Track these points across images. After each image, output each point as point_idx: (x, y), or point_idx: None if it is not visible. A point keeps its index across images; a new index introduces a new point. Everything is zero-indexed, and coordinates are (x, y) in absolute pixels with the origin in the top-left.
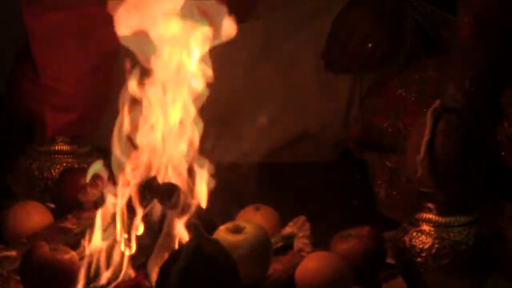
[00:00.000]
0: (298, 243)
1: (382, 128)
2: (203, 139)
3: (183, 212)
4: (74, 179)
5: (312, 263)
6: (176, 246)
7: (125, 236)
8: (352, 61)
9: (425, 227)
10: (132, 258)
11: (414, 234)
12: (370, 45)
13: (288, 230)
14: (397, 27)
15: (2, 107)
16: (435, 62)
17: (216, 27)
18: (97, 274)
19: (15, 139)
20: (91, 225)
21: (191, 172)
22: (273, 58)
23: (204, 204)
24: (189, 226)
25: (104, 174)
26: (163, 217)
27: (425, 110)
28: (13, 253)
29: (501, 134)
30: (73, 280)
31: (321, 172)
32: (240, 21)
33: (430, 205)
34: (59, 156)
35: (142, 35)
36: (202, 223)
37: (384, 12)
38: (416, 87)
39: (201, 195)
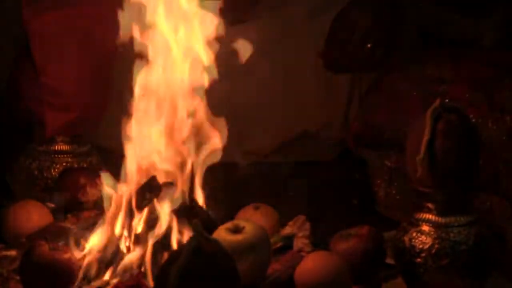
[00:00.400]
0: (297, 243)
1: (383, 123)
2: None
3: (182, 212)
4: (74, 179)
5: (311, 263)
6: (175, 246)
7: (125, 235)
8: (352, 61)
9: (425, 227)
10: (132, 257)
11: (414, 234)
12: (369, 45)
13: (287, 229)
14: (397, 27)
15: (2, 107)
16: (437, 58)
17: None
18: (97, 274)
19: (15, 139)
20: (92, 225)
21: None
22: (273, 58)
23: (201, 203)
24: (189, 226)
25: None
26: (162, 216)
27: (425, 103)
28: (12, 252)
29: (502, 128)
30: (73, 279)
31: (321, 172)
32: (240, 20)
33: (430, 205)
34: (59, 156)
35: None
36: (202, 223)
37: (383, 12)
38: (417, 82)
39: (199, 195)
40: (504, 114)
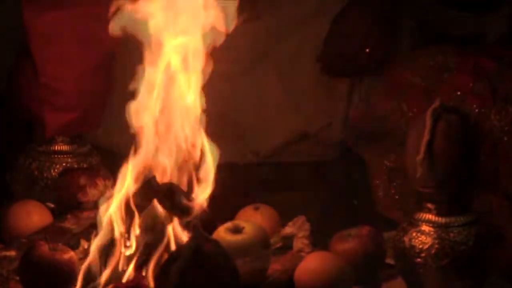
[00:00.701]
0: (297, 243)
1: (385, 110)
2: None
3: (182, 212)
4: (74, 179)
5: (311, 263)
6: (175, 247)
7: (125, 235)
8: (349, 64)
9: (425, 228)
10: (132, 258)
11: (414, 234)
12: (367, 49)
13: (287, 230)
14: (395, 29)
15: (2, 107)
16: (441, 48)
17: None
18: (97, 274)
19: (15, 139)
20: (92, 225)
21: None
22: (273, 58)
23: (204, 205)
24: (188, 226)
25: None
26: (162, 217)
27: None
28: (12, 252)
29: (505, 119)
30: (73, 280)
31: (321, 172)
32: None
33: (429, 205)
34: (59, 156)
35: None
36: (202, 223)
37: (382, 14)
38: (422, 70)
39: (202, 195)
40: (508, 105)
